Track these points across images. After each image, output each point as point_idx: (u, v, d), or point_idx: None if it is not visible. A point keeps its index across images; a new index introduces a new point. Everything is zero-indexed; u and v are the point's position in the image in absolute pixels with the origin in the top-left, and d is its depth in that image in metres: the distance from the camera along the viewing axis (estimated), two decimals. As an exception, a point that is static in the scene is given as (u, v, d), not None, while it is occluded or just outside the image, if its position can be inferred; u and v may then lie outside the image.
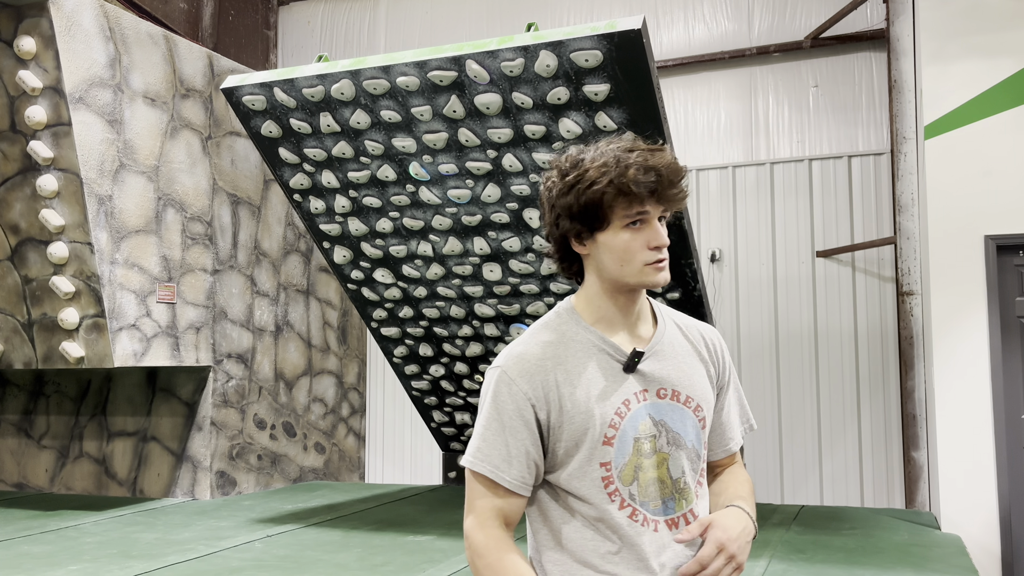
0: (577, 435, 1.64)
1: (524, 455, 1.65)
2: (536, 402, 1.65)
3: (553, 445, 1.66)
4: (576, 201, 1.64)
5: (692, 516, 1.69)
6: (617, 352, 1.68)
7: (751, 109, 7.75)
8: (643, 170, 1.60)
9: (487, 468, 1.65)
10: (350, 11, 9.28)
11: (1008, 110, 5.53)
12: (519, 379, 1.66)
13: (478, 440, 1.68)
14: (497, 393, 1.67)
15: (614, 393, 1.66)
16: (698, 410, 1.72)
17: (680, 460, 1.68)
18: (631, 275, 1.66)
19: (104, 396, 7.32)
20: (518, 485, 1.65)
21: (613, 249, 1.65)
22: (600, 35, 4.41)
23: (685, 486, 1.69)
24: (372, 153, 5.34)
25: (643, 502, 1.65)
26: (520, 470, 1.65)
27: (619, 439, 1.64)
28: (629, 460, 1.65)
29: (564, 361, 1.67)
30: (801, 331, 7.40)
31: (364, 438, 8.83)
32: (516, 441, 1.65)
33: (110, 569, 4.60)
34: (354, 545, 5.23)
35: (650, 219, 1.64)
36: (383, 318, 6.42)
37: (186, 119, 6.79)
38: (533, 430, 1.65)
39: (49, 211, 5.97)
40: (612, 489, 1.64)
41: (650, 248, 1.64)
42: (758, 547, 5.02)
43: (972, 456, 5.48)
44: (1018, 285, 5.58)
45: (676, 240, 5.13)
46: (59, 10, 5.79)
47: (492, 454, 1.65)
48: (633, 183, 1.59)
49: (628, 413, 1.66)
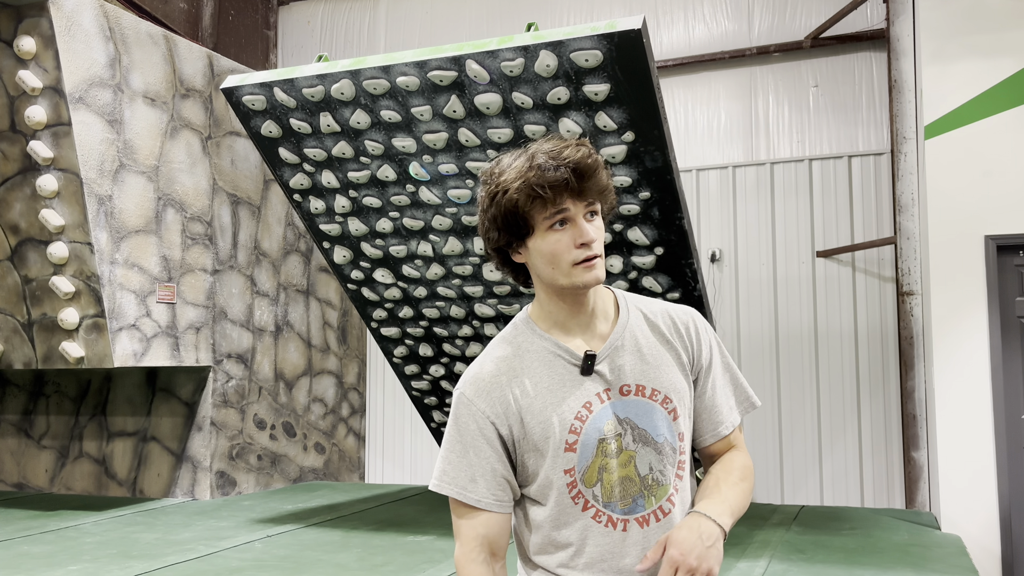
0: (540, 445, 1.64)
1: (490, 473, 1.65)
2: (496, 419, 1.65)
3: (521, 459, 1.66)
4: (499, 212, 1.61)
5: (661, 513, 1.65)
6: (572, 356, 1.66)
7: (751, 109, 7.75)
8: (551, 168, 1.56)
9: (453, 490, 1.66)
10: (350, 11, 9.28)
11: (1008, 110, 5.53)
12: (476, 399, 1.66)
13: (442, 463, 1.69)
14: (457, 416, 1.68)
15: (572, 398, 1.64)
16: (666, 402, 1.67)
17: (648, 456, 1.65)
18: (562, 277, 1.62)
19: (104, 396, 7.32)
20: (490, 503, 1.65)
21: (543, 253, 1.61)
22: (600, 35, 4.40)
23: (654, 482, 1.65)
24: (372, 153, 5.33)
25: (608, 503, 1.64)
26: (488, 487, 1.65)
27: (582, 443, 1.63)
28: (592, 463, 1.64)
29: (519, 374, 1.66)
30: (801, 331, 7.40)
31: (364, 438, 8.83)
32: (480, 460, 1.65)
33: (110, 569, 4.59)
34: (354, 545, 5.23)
35: (573, 216, 1.59)
36: (383, 318, 6.42)
37: (186, 119, 6.79)
38: (497, 448, 1.65)
39: (49, 211, 5.97)
40: (576, 493, 1.64)
41: (577, 246, 1.60)
42: (758, 547, 5.02)
43: (972, 456, 5.48)
44: (1018, 285, 5.58)
45: (676, 240, 5.13)
46: (59, 10, 5.79)
47: (457, 476, 1.66)
48: (539, 185, 1.55)
49: (590, 416, 1.64)
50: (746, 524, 5.70)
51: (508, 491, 1.67)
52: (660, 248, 5.19)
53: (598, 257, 1.61)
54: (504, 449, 1.66)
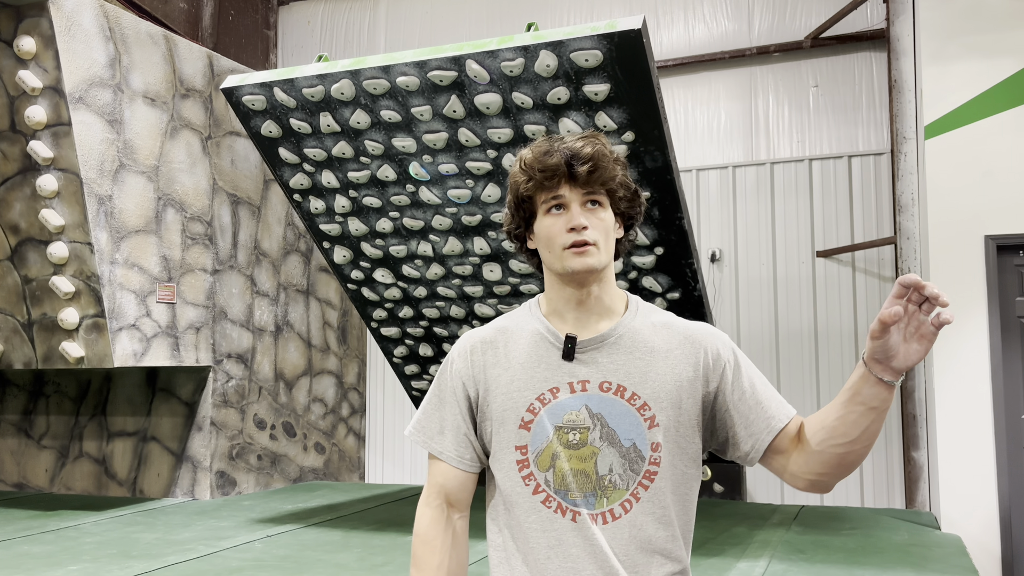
0: (497, 416, 1.68)
1: (455, 429, 1.72)
2: (467, 380, 1.72)
3: (481, 424, 1.72)
4: (512, 198, 1.72)
5: (611, 516, 1.62)
6: (557, 340, 1.68)
7: (751, 109, 7.75)
8: (550, 154, 1.63)
9: (421, 439, 1.76)
10: (350, 11, 9.28)
11: (1008, 110, 5.53)
12: (458, 358, 1.75)
13: (419, 412, 1.79)
14: (442, 371, 1.78)
15: (541, 379, 1.67)
16: (644, 408, 1.64)
17: (610, 458, 1.63)
18: (555, 261, 1.66)
19: (104, 396, 7.32)
20: (451, 456, 1.72)
21: (540, 237, 1.68)
22: (600, 35, 4.41)
23: (611, 484, 1.63)
24: (372, 153, 5.33)
25: (559, 490, 1.64)
26: (454, 443, 1.72)
27: (537, 424, 1.65)
28: (547, 447, 1.64)
29: (501, 345, 1.72)
30: (801, 331, 7.40)
31: (364, 438, 8.83)
32: (450, 416, 1.73)
33: (110, 569, 4.59)
34: (354, 545, 5.23)
35: (568, 203, 1.64)
36: (383, 318, 6.42)
37: (186, 119, 6.79)
38: (463, 407, 1.72)
39: (49, 211, 5.97)
40: (527, 473, 1.65)
41: (567, 231, 1.63)
42: (758, 547, 5.02)
43: (972, 456, 5.48)
44: (1018, 285, 5.58)
45: (676, 240, 5.13)
46: (59, 10, 5.79)
47: (428, 426, 1.76)
48: (534, 168, 1.64)
49: (553, 400, 1.65)
50: (746, 524, 5.70)
51: (471, 450, 1.73)
52: (660, 248, 5.19)
53: (590, 245, 1.62)
54: (469, 410, 1.73)
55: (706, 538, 5.25)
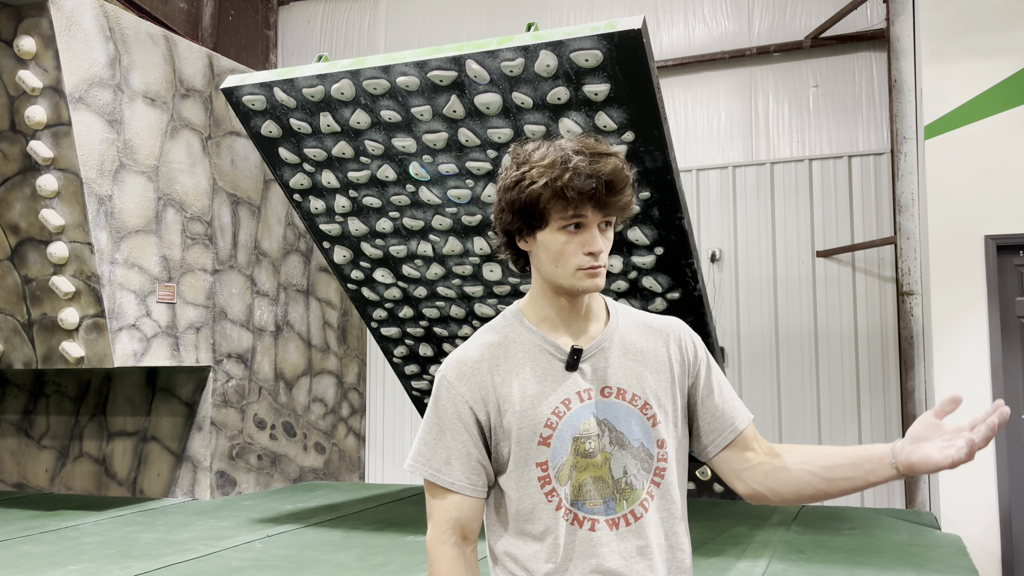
0: (514, 435, 1.64)
1: (465, 456, 1.66)
2: (474, 404, 1.66)
3: (496, 446, 1.67)
4: (518, 198, 1.63)
5: (633, 517, 1.65)
6: (559, 351, 1.67)
7: (751, 109, 7.75)
8: (583, 176, 1.56)
9: (427, 471, 1.67)
10: (350, 11, 9.28)
11: (1008, 110, 5.53)
12: (457, 382, 1.67)
13: (418, 443, 1.70)
14: (438, 397, 1.69)
15: (553, 393, 1.65)
16: (646, 408, 1.68)
17: (623, 460, 1.65)
18: (563, 277, 1.63)
19: (104, 396, 7.32)
20: (464, 486, 1.66)
21: (549, 249, 1.63)
22: (600, 35, 4.41)
23: (627, 486, 1.65)
24: (372, 153, 5.33)
25: (576, 501, 1.64)
26: (463, 471, 1.66)
27: (556, 439, 1.64)
28: (567, 460, 1.64)
29: (502, 362, 1.68)
30: (801, 331, 7.40)
31: (364, 438, 8.83)
32: (456, 443, 1.66)
33: (110, 569, 4.60)
34: (354, 545, 5.23)
35: (588, 223, 1.61)
36: (383, 318, 6.42)
37: (186, 119, 6.79)
38: (474, 432, 1.66)
39: (49, 211, 5.97)
40: (549, 489, 1.64)
41: (585, 254, 1.62)
42: (758, 547, 5.02)
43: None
44: (1018, 285, 5.58)
45: (676, 240, 5.13)
46: (59, 10, 5.79)
47: (432, 457, 1.67)
48: (568, 188, 1.56)
49: (568, 412, 1.65)
50: (746, 524, 5.70)
51: (482, 476, 1.68)
52: (660, 248, 5.19)
53: (603, 267, 1.64)
54: (480, 434, 1.67)
55: (706, 538, 5.25)
